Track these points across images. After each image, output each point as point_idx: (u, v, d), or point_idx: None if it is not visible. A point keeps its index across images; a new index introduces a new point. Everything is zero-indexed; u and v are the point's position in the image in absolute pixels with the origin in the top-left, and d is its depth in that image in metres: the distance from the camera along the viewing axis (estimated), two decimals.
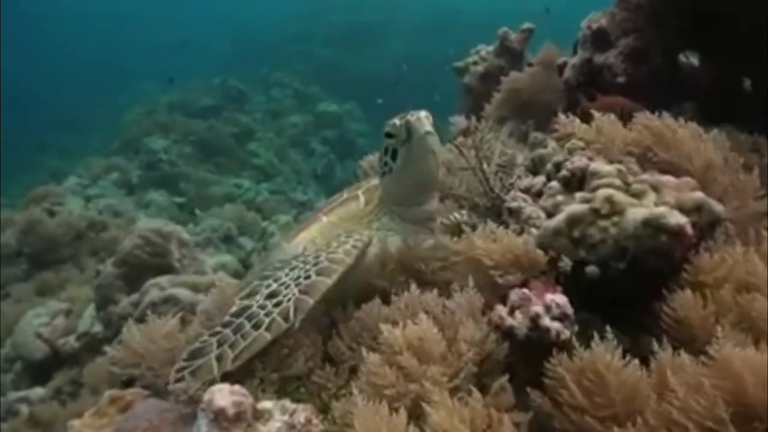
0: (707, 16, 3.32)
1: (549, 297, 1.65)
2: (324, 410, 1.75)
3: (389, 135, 2.19)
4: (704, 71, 3.47)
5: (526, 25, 5.81)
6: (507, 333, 1.62)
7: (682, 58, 3.73)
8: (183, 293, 4.50)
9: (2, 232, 8.74)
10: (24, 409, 5.47)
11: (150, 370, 2.03)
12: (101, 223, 9.03)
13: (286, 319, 1.80)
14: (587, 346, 1.57)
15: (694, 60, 3.74)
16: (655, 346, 1.56)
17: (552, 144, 2.41)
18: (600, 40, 3.71)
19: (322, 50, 27.59)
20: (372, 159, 3.85)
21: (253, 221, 11.92)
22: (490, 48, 5.93)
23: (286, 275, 1.95)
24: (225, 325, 1.81)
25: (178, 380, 1.72)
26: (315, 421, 1.67)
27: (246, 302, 1.87)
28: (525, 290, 1.67)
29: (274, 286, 1.91)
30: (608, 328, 1.60)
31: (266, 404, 1.63)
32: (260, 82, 23.73)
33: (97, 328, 5.81)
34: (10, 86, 26.39)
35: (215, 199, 13.82)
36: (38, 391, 5.75)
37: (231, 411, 1.53)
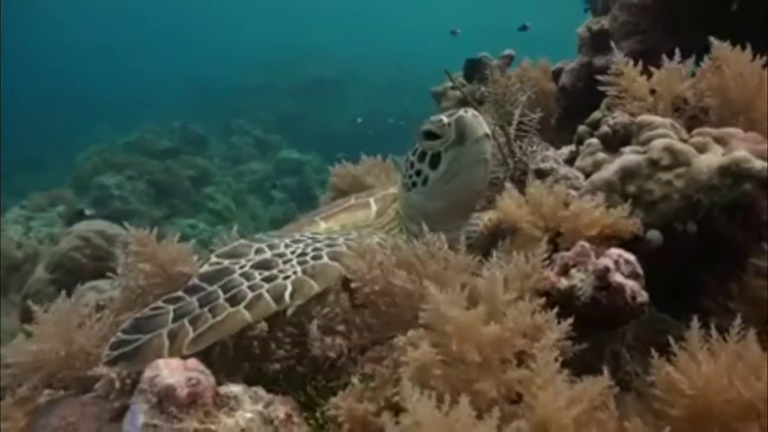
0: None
1: (614, 252, 1.25)
2: (309, 407, 1.29)
3: (431, 135, 1.71)
4: None
5: (507, 51, 5.65)
6: (564, 298, 1.21)
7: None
8: None
9: None
10: None
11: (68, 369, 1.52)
12: (38, 253, 8.30)
13: (277, 300, 1.34)
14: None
15: None
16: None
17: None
18: (600, 42, 3.49)
19: (286, 101, 27.67)
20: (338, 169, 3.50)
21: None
22: None
23: (287, 246, 1.51)
24: (189, 291, 1.34)
25: (113, 360, 1.23)
26: (297, 419, 1.21)
27: (225, 263, 1.41)
28: (583, 243, 1.27)
29: (268, 254, 1.46)
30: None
31: (233, 389, 1.16)
32: (221, 128, 23.49)
33: None
34: None
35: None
36: None
37: (183, 392, 1.06)
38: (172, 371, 1.09)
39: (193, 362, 1.12)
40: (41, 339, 1.44)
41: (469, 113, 1.67)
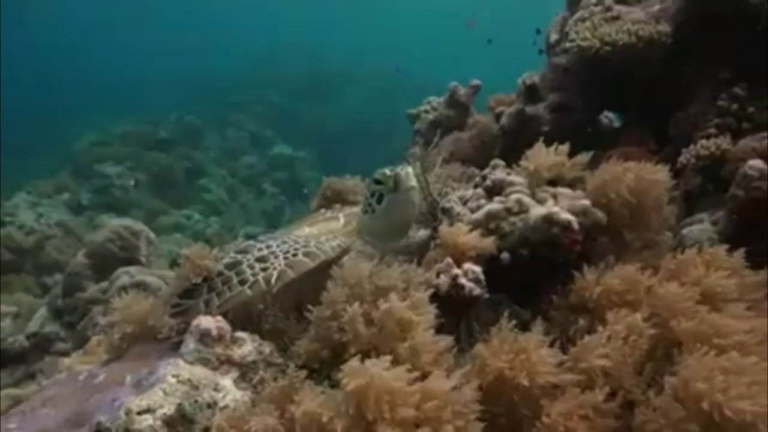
0: (624, 84, 4.00)
1: (466, 265, 2.14)
2: (283, 349, 2.16)
3: (378, 181, 2.55)
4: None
5: (474, 81, 6.51)
6: (436, 290, 2.09)
7: (602, 118, 4.40)
8: (152, 279, 4.84)
9: None
10: None
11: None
12: (49, 238, 9.14)
13: (267, 283, 2.20)
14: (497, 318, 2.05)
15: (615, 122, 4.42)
16: None
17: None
18: (531, 94, 4.37)
19: (281, 97, 28.18)
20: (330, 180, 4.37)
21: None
22: (441, 99, 6.60)
23: (278, 246, 2.35)
24: (217, 275, 2.22)
25: (173, 315, 2.12)
26: (276, 353, 2.10)
27: (238, 257, 2.28)
28: (449, 260, 2.16)
29: (265, 251, 2.31)
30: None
31: (241, 334, 2.05)
32: (217, 121, 24.07)
33: (49, 328, 5.98)
34: None
35: (165, 228, 13.95)
36: None
37: (215, 332, 1.95)
38: (207, 321, 1.97)
39: (219, 318, 2.00)
40: (127, 305, 2.28)
41: (403, 171, 2.54)
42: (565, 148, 2.63)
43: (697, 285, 2.08)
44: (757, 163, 2.67)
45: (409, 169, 2.53)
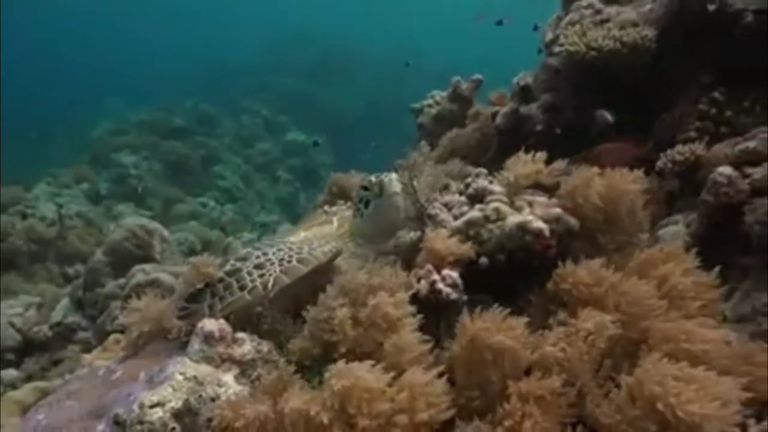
0: (611, 85, 4.15)
1: (445, 271, 2.36)
2: (280, 347, 2.40)
3: (365, 188, 2.78)
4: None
5: (476, 76, 6.67)
6: (416, 293, 2.31)
7: (598, 116, 4.53)
8: (165, 277, 5.14)
9: None
10: None
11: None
12: (70, 229, 9.48)
13: (264, 288, 2.42)
14: None
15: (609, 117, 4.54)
16: None
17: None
18: (525, 94, 4.53)
19: (293, 81, 28.32)
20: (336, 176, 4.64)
21: (216, 238, 12.44)
22: (444, 93, 6.77)
23: (274, 254, 2.56)
24: (219, 281, 2.45)
25: (181, 317, 2.36)
26: (274, 351, 2.34)
27: (238, 265, 2.51)
28: (429, 266, 2.38)
29: (262, 259, 2.53)
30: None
31: (241, 334, 2.28)
32: (231, 108, 24.31)
33: (71, 318, 6.32)
34: None
35: (181, 215, 14.29)
36: (12, 372, 6.19)
37: (217, 334, 2.19)
38: (211, 324, 2.21)
39: (222, 321, 2.24)
40: (142, 306, 2.53)
41: (387, 178, 2.74)
42: (542, 155, 2.82)
43: (657, 282, 2.28)
44: (725, 170, 2.84)
45: (393, 176, 2.74)
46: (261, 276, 2.43)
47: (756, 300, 2.58)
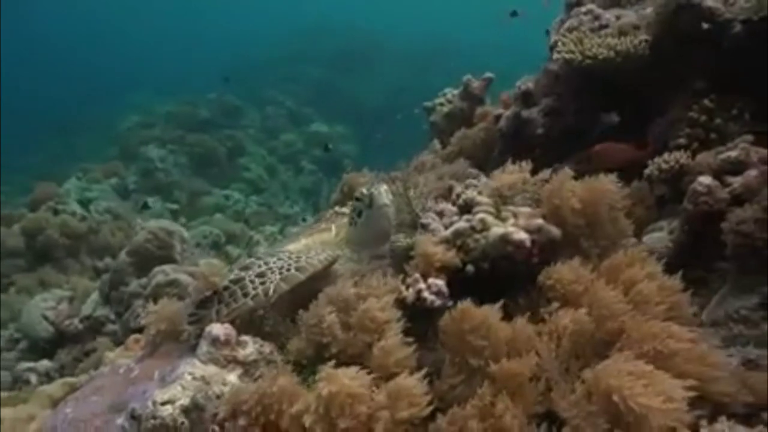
0: (611, 90, 4.27)
1: (431, 280, 2.56)
2: (281, 348, 2.63)
3: (357, 199, 2.99)
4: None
5: (487, 74, 6.79)
6: (404, 300, 2.52)
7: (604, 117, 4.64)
8: (184, 278, 5.46)
9: (8, 228, 9.64)
10: (32, 377, 6.31)
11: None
12: (100, 224, 9.90)
13: (266, 294, 2.64)
14: None
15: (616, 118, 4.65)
16: None
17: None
18: (527, 99, 4.67)
19: (317, 71, 28.54)
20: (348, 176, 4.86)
21: (240, 231, 12.81)
22: (455, 92, 6.91)
23: (274, 263, 2.79)
24: (224, 289, 2.69)
25: (191, 323, 2.61)
26: (275, 353, 2.57)
27: (242, 274, 2.74)
28: (417, 275, 2.58)
29: (264, 267, 2.77)
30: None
31: (245, 338, 2.52)
32: (255, 99, 24.65)
33: (100, 312, 6.70)
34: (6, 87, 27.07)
35: (206, 208, 14.68)
36: (45, 363, 6.62)
37: (223, 338, 2.43)
38: (217, 329, 2.45)
39: (227, 326, 2.48)
40: (159, 309, 2.79)
41: (377, 191, 2.94)
42: (527, 165, 3.00)
43: (624, 287, 2.47)
44: (705, 179, 2.98)
45: (382, 189, 2.94)
46: (262, 284, 2.65)
47: (729, 305, 2.73)
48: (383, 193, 2.91)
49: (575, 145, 4.30)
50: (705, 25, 3.54)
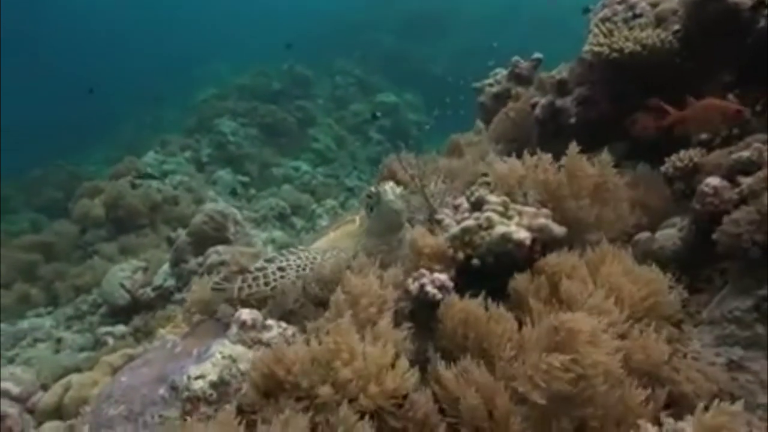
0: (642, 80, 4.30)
1: (435, 274, 2.81)
2: (303, 330, 2.98)
3: (369, 195, 3.32)
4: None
5: (536, 54, 6.81)
6: (409, 292, 2.80)
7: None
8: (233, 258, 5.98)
9: (91, 200, 10.52)
10: (110, 340, 7.07)
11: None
12: (174, 197, 10.64)
13: (282, 287, 3.02)
14: None
15: None
16: None
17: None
18: (562, 87, 4.74)
19: (387, 39, 28.52)
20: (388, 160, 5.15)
21: (306, 203, 13.33)
22: (504, 72, 6.98)
23: (294, 261, 3.16)
24: (251, 272, 3.07)
25: (213, 289, 3.02)
26: (298, 335, 2.92)
27: (266, 264, 3.11)
28: (422, 270, 2.84)
29: (284, 263, 3.13)
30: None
31: (270, 322, 2.88)
32: (325, 69, 25.00)
33: (170, 282, 7.36)
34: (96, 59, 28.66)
35: (274, 179, 15.29)
36: (121, 328, 7.37)
37: (249, 322, 2.80)
38: (246, 313, 2.82)
39: (254, 310, 2.84)
40: (195, 292, 3.21)
41: (383, 189, 3.22)
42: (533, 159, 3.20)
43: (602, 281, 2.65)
44: (712, 180, 3.05)
45: (387, 187, 3.23)
46: (282, 277, 3.02)
47: (726, 305, 2.84)
48: (388, 192, 3.21)
49: (608, 134, 4.36)
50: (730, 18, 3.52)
